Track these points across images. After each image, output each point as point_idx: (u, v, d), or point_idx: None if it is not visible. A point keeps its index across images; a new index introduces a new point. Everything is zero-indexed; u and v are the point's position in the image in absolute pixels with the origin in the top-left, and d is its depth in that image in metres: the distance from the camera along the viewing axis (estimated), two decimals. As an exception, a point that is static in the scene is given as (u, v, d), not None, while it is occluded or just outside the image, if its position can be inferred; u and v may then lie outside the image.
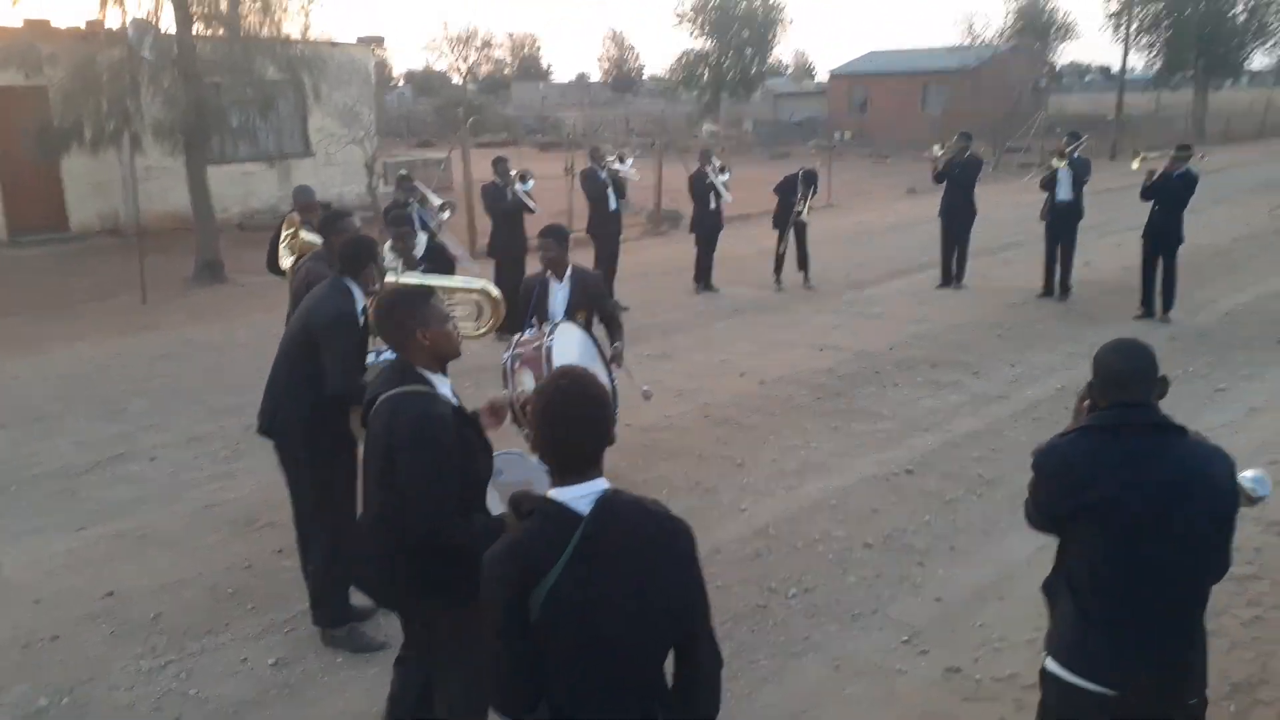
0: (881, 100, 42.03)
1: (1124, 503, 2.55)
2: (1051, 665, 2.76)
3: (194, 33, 13.44)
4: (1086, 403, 2.78)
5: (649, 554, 2.10)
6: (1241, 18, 41.32)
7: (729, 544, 5.52)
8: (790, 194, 12.23)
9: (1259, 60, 46.72)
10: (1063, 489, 2.66)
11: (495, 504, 3.42)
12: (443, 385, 3.11)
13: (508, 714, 2.18)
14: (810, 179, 12.37)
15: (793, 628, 4.69)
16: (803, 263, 12.45)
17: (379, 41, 22.06)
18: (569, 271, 5.92)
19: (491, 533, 3.03)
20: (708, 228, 12.26)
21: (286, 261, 6.26)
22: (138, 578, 5.23)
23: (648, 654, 2.13)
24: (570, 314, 5.79)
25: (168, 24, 13.41)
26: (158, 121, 13.28)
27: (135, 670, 4.39)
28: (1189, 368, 8.59)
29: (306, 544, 4.57)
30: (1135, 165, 10.58)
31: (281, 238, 6.44)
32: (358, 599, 4.69)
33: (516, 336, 5.66)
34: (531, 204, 10.53)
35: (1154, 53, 42.14)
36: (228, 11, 13.76)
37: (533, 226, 10.43)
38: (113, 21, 13.12)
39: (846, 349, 9.51)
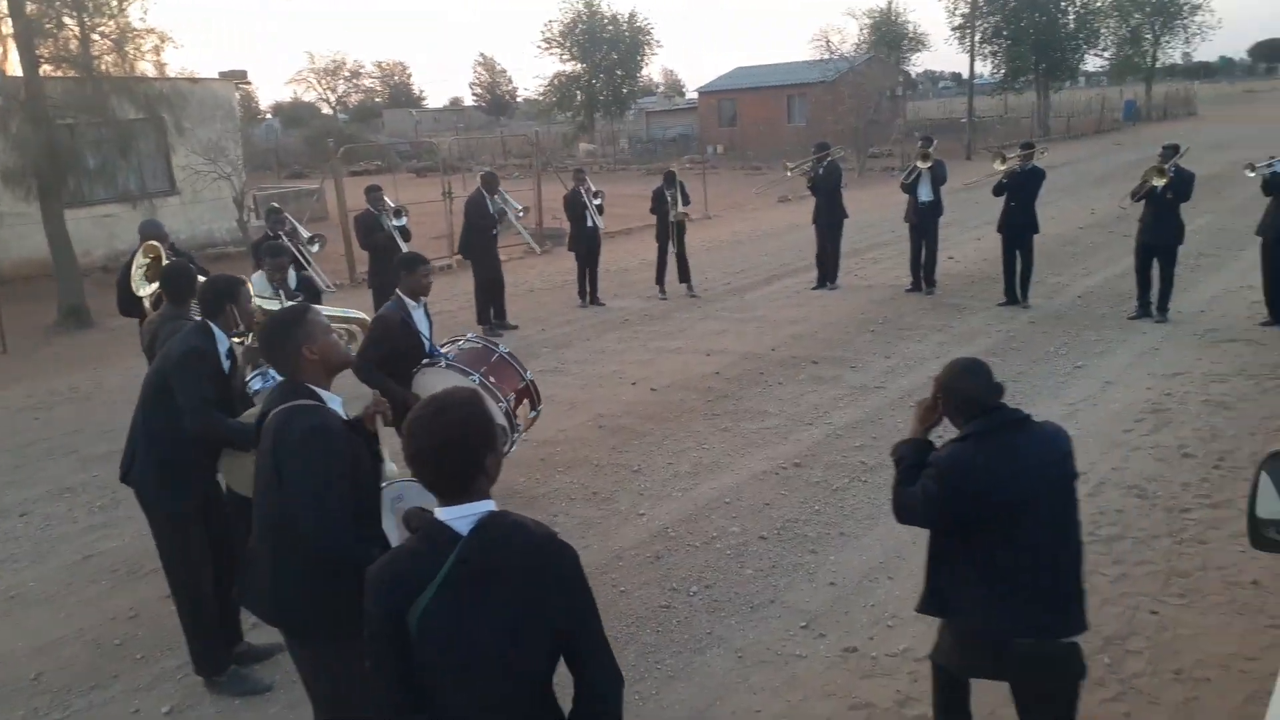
0: (749, 114, 43.18)
1: (1017, 493, 2.95)
2: (955, 637, 3.22)
3: (42, 74, 12.84)
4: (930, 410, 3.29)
5: (528, 577, 2.09)
6: (1072, 25, 44.17)
7: (629, 549, 5.60)
8: (662, 203, 12.46)
9: (1091, 63, 50.02)
10: (971, 494, 2.98)
11: (392, 529, 3.42)
12: (333, 401, 3.11)
13: None
14: (671, 179, 12.59)
15: (695, 624, 4.80)
16: (684, 272, 12.69)
17: (242, 76, 21.39)
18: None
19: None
20: (586, 245, 12.38)
21: (145, 290, 6.02)
22: (12, 639, 4.96)
23: (526, 677, 2.13)
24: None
25: (14, 68, 12.81)
26: (7, 167, 12.63)
27: (17, 733, 4.18)
28: (1049, 348, 9.14)
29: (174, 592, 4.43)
30: (998, 165, 11.19)
31: (137, 264, 6.11)
32: (264, 636, 4.59)
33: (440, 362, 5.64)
34: (403, 241, 10.30)
35: (997, 60, 44.66)
36: (79, 52, 13.21)
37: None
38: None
39: (732, 352, 9.75)
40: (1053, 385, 8.09)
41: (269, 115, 73.26)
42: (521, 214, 13.08)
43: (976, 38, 40.58)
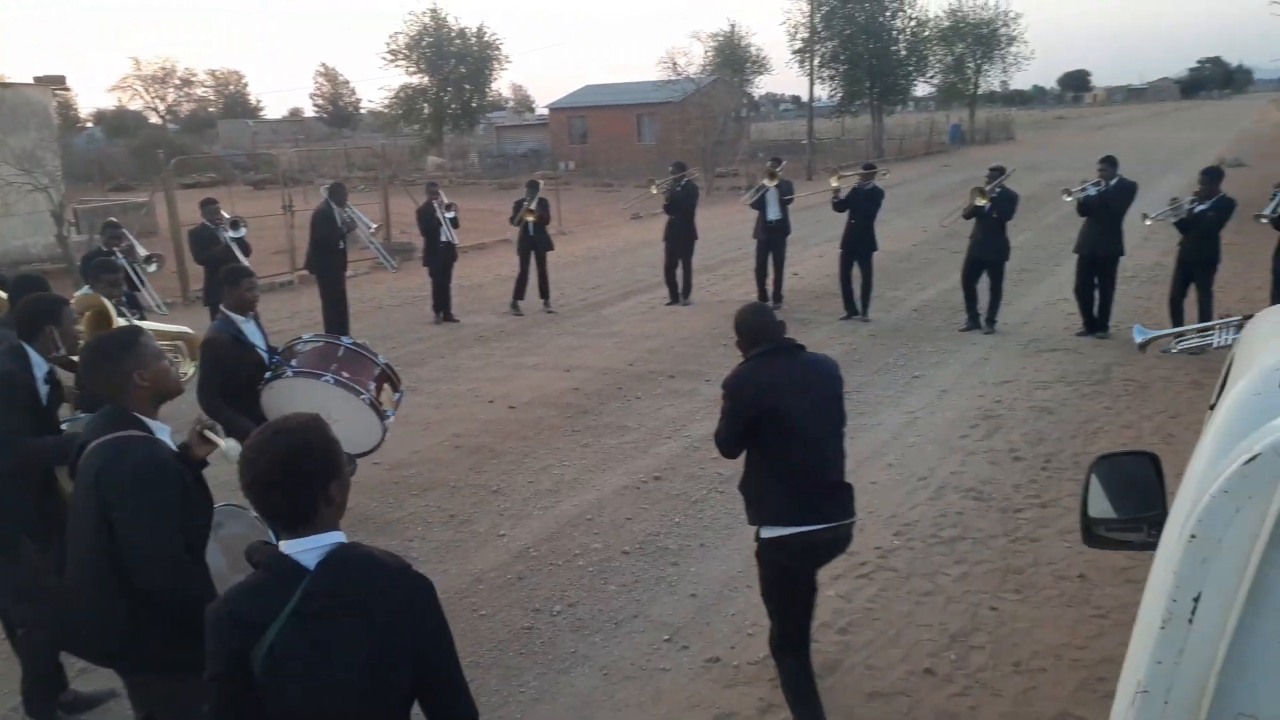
0: (600, 131, 43.55)
1: (791, 400, 3.65)
2: (766, 532, 3.79)
3: None
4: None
5: (381, 611, 2.01)
6: (904, 52, 46.78)
7: (489, 572, 5.51)
8: (519, 210, 12.39)
9: (921, 88, 53.09)
10: (752, 399, 3.69)
11: (216, 556, 3.25)
12: (160, 431, 2.93)
13: None
14: (534, 187, 12.56)
15: (560, 644, 4.76)
16: (544, 288, 12.63)
17: (59, 81, 19.94)
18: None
19: (206, 598, 2.91)
20: (441, 259, 12.16)
21: None
22: None
23: (378, 709, 2.06)
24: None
25: None
26: None
27: None
28: (889, 359, 9.60)
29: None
30: (834, 183, 11.70)
31: None
32: (95, 682, 4.27)
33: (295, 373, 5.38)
34: (242, 254, 9.85)
35: (835, 83, 46.78)
36: None
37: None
38: None
39: (590, 368, 9.78)
40: (894, 394, 8.48)
41: (89, 124, 68.66)
42: (373, 230, 12.73)
43: (815, 62, 42.36)
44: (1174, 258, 9.83)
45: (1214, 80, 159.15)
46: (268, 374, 5.29)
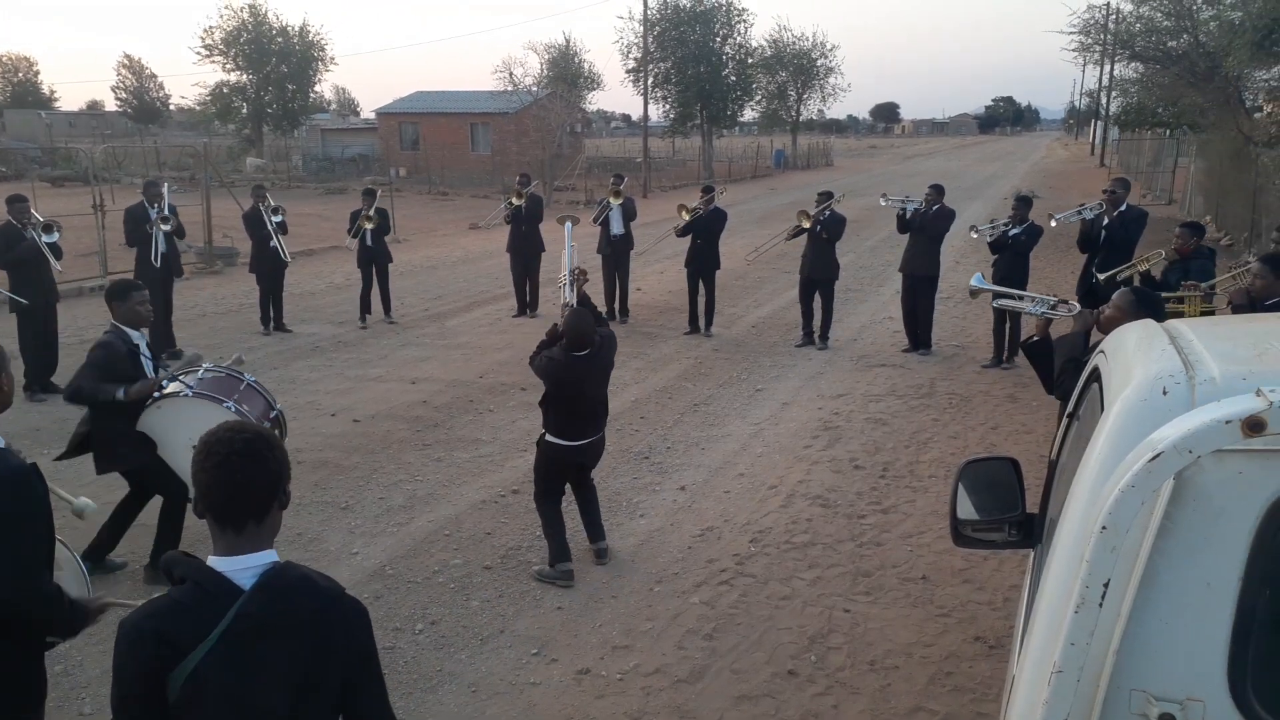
0: (433, 138, 42.71)
1: (581, 385, 5.36)
2: (551, 438, 5.45)
3: None
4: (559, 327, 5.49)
5: (315, 634, 1.94)
6: (732, 78, 48.46)
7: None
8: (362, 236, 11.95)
9: (748, 113, 55.10)
10: (557, 379, 5.32)
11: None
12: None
13: None
14: (370, 194, 12.20)
15: (424, 663, 4.65)
16: (385, 300, 12.25)
17: None
18: None
19: (77, 614, 2.71)
20: (269, 266, 11.56)
21: None
22: None
23: None
24: None
25: None
26: None
27: None
28: (733, 373, 9.90)
29: None
30: (685, 215, 11.92)
31: None
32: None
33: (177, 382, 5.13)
34: (54, 259, 9.09)
35: (668, 104, 47.88)
36: None
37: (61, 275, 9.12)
38: None
39: (438, 380, 9.57)
40: (739, 406, 8.76)
41: None
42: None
43: (649, 81, 43.22)
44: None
45: (1007, 117, 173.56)
46: (156, 393, 5.05)
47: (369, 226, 11.89)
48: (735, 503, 6.56)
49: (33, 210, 9.19)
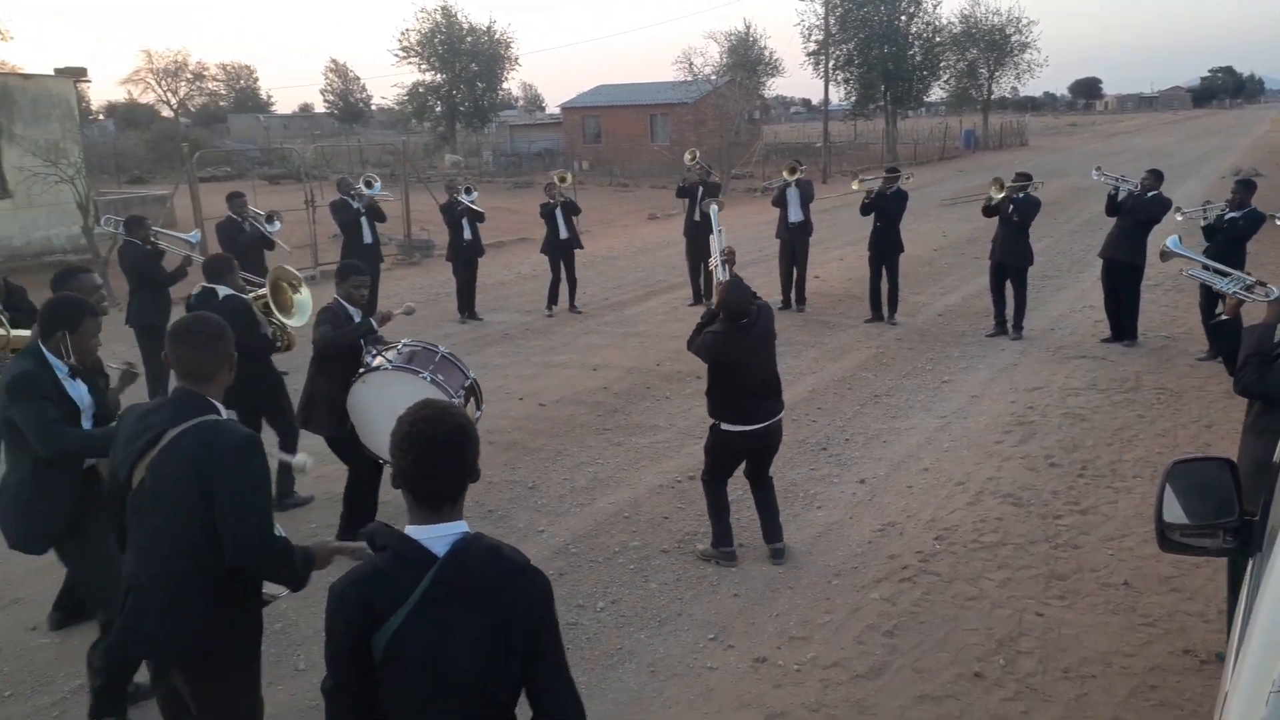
0: (614, 131, 43.51)
1: (745, 358, 5.25)
2: (725, 426, 5.37)
3: None
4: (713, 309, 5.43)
5: (502, 602, 2.05)
6: (918, 57, 46.72)
7: (531, 567, 5.51)
8: (552, 220, 12.33)
9: (935, 93, 52.98)
10: (718, 354, 5.25)
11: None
12: (228, 415, 3.00)
13: None
14: (551, 188, 12.58)
15: (605, 640, 4.78)
16: (572, 287, 12.60)
17: (81, 73, 19.97)
18: None
19: (310, 559, 2.94)
20: (465, 256, 12.16)
21: None
22: None
23: (493, 701, 2.09)
24: None
25: None
26: None
27: None
28: (917, 364, 9.59)
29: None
30: (855, 186, 11.71)
31: None
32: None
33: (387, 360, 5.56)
34: (275, 239, 10.04)
35: (849, 87, 46.74)
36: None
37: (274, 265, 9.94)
38: None
39: (618, 366, 9.79)
40: (924, 399, 8.48)
41: (101, 116, 68.86)
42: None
43: (830, 64, 42.34)
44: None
45: (1225, 89, 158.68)
46: (361, 369, 5.44)
47: (561, 186, 12.36)
48: (919, 498, 6.36)
49: (250, 205, 10.09)
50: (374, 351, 5.59)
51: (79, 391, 3.92)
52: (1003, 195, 10.20)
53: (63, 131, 17.09)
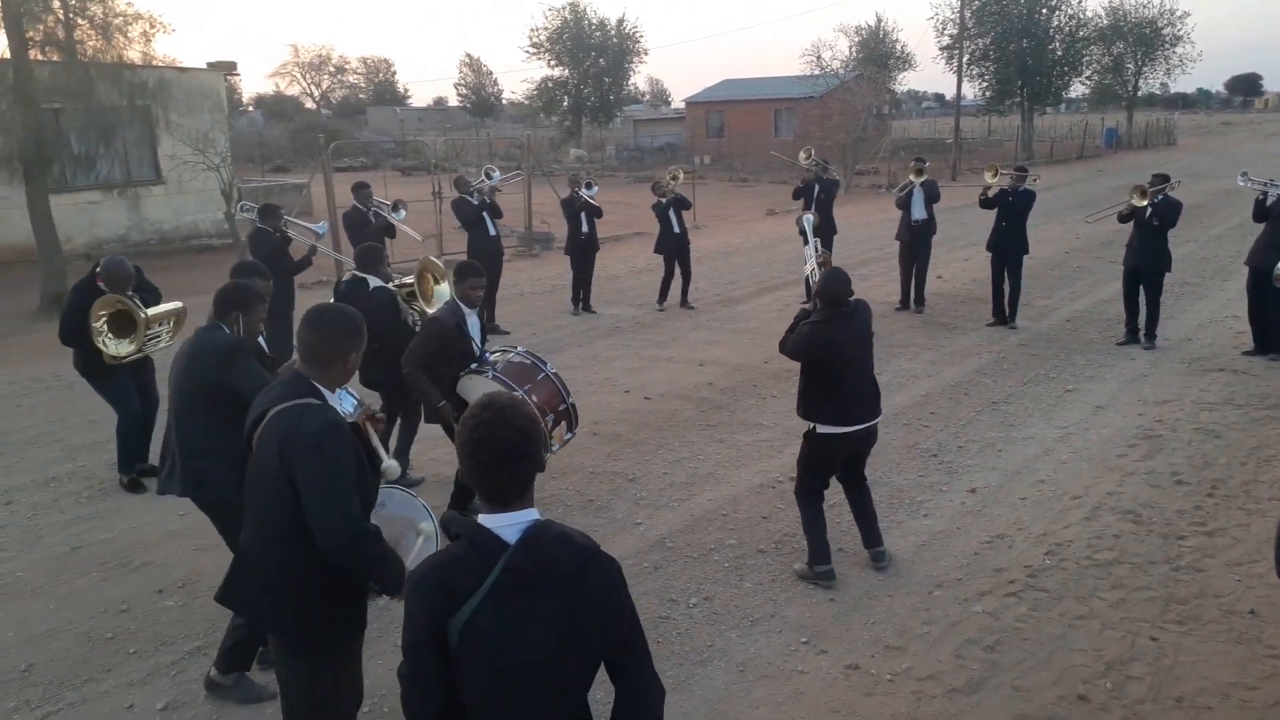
0: (737, 126, 43.36)
1: (842, 352, 5.06)
2: (821, 429, 5.20)
3: (31, 57, 12.66)
4: (808, 308, 5.36)
5: (572, 588, 2.08)
6: (1059, 52, 44.73)
7: (627, 559, 5.56)
8: (666, 217, 12.36)
9: (1076, 89, 50.65)
10: (817, 349, 5.08)
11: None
12: (345, 401, 3.10)
13: None
14: (683, 204, 12.57)
15: (696, 636, 4.78)
16: (685, 282, 12.59)
17: (231, 67, 21.16)
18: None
19: (396, 560, 3.01)
20: (582, 250, 12.32)
21: (121, 349, 5.89)
22: (2, 629, 4.87)
23: (566, 687, 2.12)
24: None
25: (0, 48, 12.62)
26: (-9, 149, 12.43)
27: (8, 728, 4.09)
28: (1040, 370, 9.21)
29: None
30: (990, 178, 11.32)
31: (97, 321, 5.96)
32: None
33: (494, 362, 5.80)
34: (405, 228, 10.44)
35: (984, 82, 45.15)
36: (65, 36, 13.04)
37: (397, 252, 10.32)
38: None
39: (725, 363, 9.75)
40: (1044, 408, 8.14)
41: (251, 108, 72.68)
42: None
43: (964, 59, 41.02)
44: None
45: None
46: (473, 364, 5.63)
47: (673, 184, 12.32)
48: (1031, 511, 6.12)
49: (376, 196, 10.49)
50: (491, 353, 5.80)
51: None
52: (1145, 203, 9.67)
53: (212, 122, 18.13)
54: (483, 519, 2.11)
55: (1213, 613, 4.82)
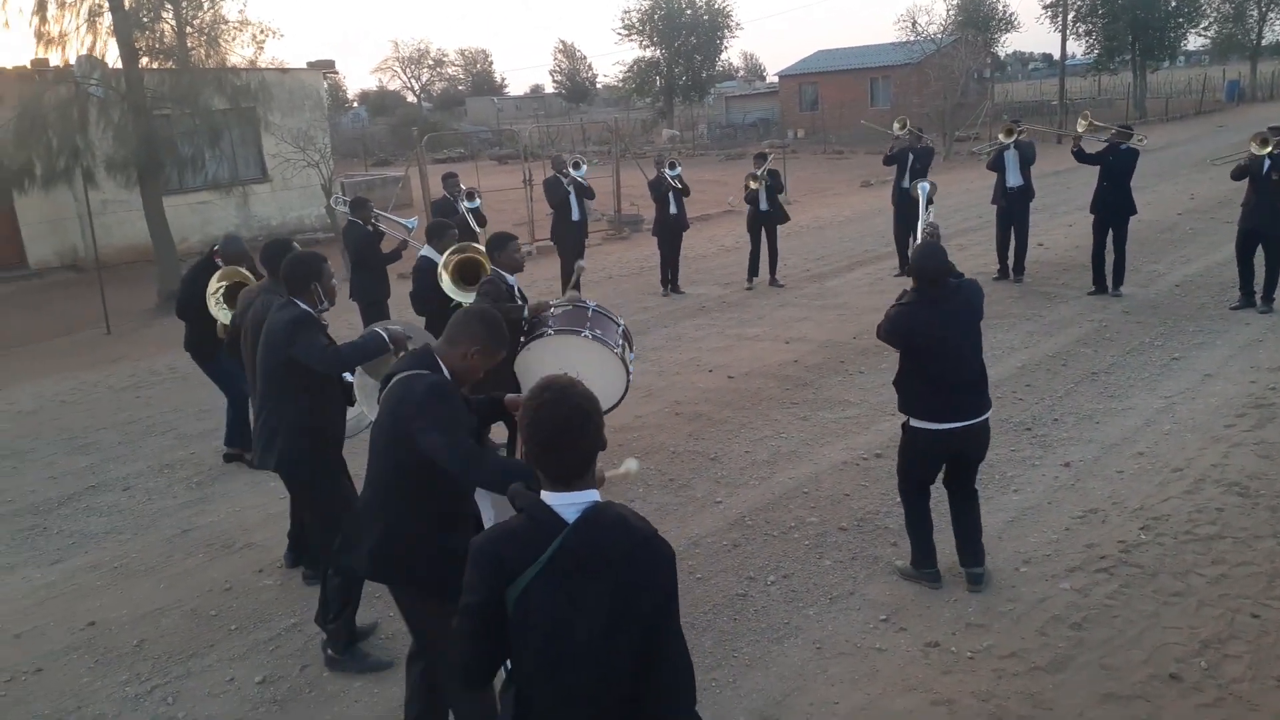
0: (831, 97, 42.48)
1: (937, 334, 4.57)
2: (915, 422, 4.77)
3: (140, 66, 13.36)
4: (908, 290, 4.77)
5: (626, 571, 2.11)
6: (1173, 3, 42.29)
7: (706, 537, 5.59)
8: (754, 199, 12.21)
9: (1193, 41, 47.86)
10: (905, 333, 4.65)
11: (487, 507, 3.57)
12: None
13: (465, 688, 2.27)
14: (762, 157, 12.40)
15: (773, 613, 4.77)
16: (773, 262, 12.47)
17: (329, 66, 21.93)
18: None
19: (519, 465, 3.03)
20: (670, 231, 12.31)
21: (226, 317, 6.16)
22: (117, 607, 5.21)
23: (613, 664, 2.14)
24: None
25: (113, 59, 13.35)
26: (109, 156, 13.20)
27: (121, 697, 4.39)
28: (1145, 339, 8.81)
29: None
30: (1081, 127, 10.85)
31: (214, 289, 6.32)
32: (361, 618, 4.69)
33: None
34: (476, 224, 10.62)
35: (1092, 39, 43.04)
36: (175, 44, 13.71)
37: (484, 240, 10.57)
38: (56, 60, 13.09)
39: (811, 340, 9.64)
40: (1148, 377, 7.79)
41: (355, 104, 74.92)
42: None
43: (1070, 16, 39.20)
44: None
45: None
46: (522, 338, 5.72)
47: (754, 186, 12.14)
48: (1129, 484, 5.88)
49: (460, 184, 10.74)
50: (530, 320, 5.86)
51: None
52: (1266, 151, 9.09)
53: (312, 120, 18.82)
54: (545, 496, 2.16)
55: (1322, 589, 4.55)
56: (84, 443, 8.06)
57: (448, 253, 6.41)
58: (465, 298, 6.07)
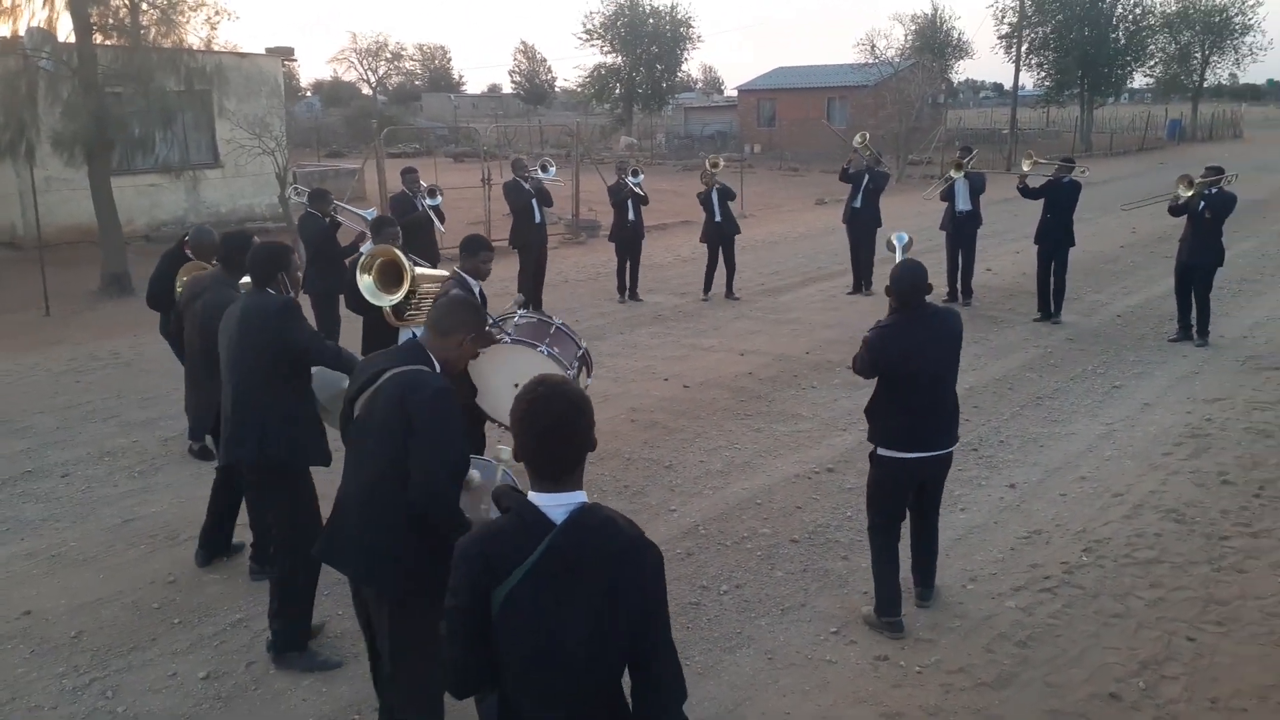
0: (789, 114, 42.95)
1: (915, 359, 4.44)
2: (881, 451, 4.62)
3: (94, 41, 13.00)
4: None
5: (613, 574, 2.08)
6: (1122, 41, 43.63)
7: (660, 545, 5.51)
8: (710, 206, 12.31)
9: (1139, 79, 49.42)
10: (888, 355, 4.48)
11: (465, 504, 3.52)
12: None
13: (456, 694, 2.23)
14: (726, 193, 12.50)
15: (725, 623, 4.80)
16: (730, 273, 12.50)
17: (289, 53, 21.52)
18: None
19: (465, 526, 3.08)
20: (628, 238, 12.33)
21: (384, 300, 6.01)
22: (55, 597, 5.06)
23: (600, 668, 2.13)
24: None
25: (65, 33, 12.97)
26: (57, 132, 12.79)
27: (58, 689, 4.26)
28: (1087, 366, 9.06)
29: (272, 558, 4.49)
30: (1026, 166, 11.21)
31: (180, 283, 6.20)
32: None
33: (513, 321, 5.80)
34: (438, 221, 10.53)
35: (1043, 72, 44.21)
36: (128, 21, 13.36)
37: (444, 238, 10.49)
38: (5, 31, 12.69)
39: (766, 353, 9.73)
40: (1090, 404, 8.01)
41: (309, 93, 73.82)
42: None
43: (1023, 48, 40.21)
44: None
45: None
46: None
47: (714, 172, 12.17)
48: (1071, 507, 6.04)
49: (420, 180, 10.63)
50: (491, 321, 5.76)
51: None
52: (1191, 194, 9.47)
53: (269, 107, 18.46)
54: (532, 496, 2.14)
55: (1253, 614, 4.73)
56: (19, 426, 7.81)
57: (367, 254, 6.02)
58: (381, 302, 5.35)
